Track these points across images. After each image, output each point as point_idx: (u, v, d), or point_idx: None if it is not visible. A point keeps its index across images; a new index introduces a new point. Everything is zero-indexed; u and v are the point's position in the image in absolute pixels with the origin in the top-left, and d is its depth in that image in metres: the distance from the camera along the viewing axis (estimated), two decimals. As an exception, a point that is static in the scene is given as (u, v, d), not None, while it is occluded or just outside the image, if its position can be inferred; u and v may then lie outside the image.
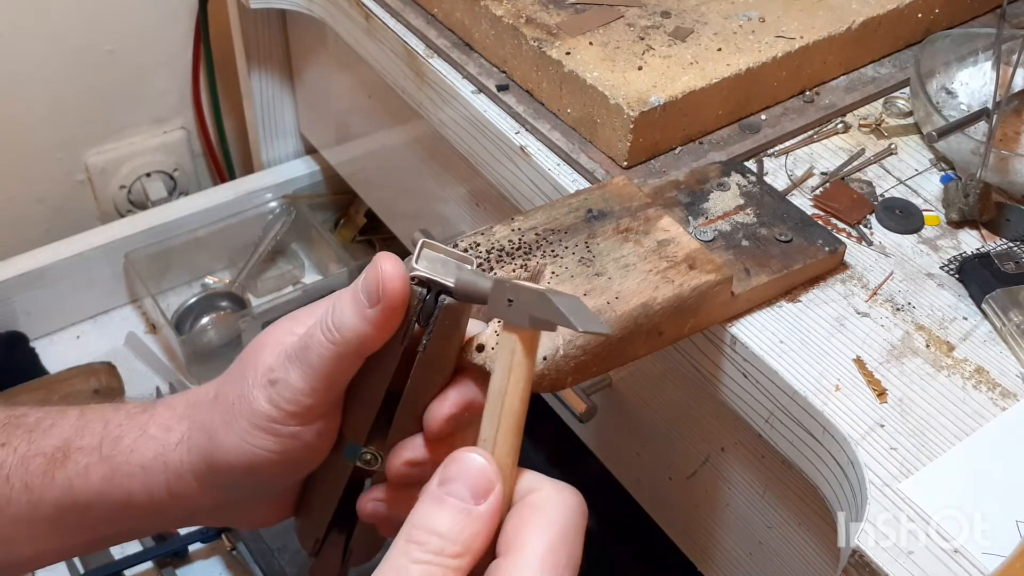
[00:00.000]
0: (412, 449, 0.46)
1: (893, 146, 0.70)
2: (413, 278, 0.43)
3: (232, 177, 1.40)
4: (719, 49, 0.69)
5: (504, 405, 0.40)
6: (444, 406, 0.45)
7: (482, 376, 0.47)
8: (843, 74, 0.75)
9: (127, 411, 0.51)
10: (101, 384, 1.07)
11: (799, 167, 0.68)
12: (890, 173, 0.68)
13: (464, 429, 0.46)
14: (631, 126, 0.64)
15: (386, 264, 0.42)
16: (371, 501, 0.48)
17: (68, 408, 0.52)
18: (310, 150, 1.26)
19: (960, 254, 0.62)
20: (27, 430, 0.50)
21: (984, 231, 0.64)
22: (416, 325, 0.44)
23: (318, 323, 0.44)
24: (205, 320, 1.19)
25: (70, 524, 0.50)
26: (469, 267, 0.43)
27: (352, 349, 0.43)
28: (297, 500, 0.53)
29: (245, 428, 0.45)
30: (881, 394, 0.53)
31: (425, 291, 0.43)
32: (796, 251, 0.58)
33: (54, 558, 0.52)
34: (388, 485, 0.48)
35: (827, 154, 0.70)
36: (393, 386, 0.46)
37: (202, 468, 0.48)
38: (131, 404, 0.52)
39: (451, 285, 0.43)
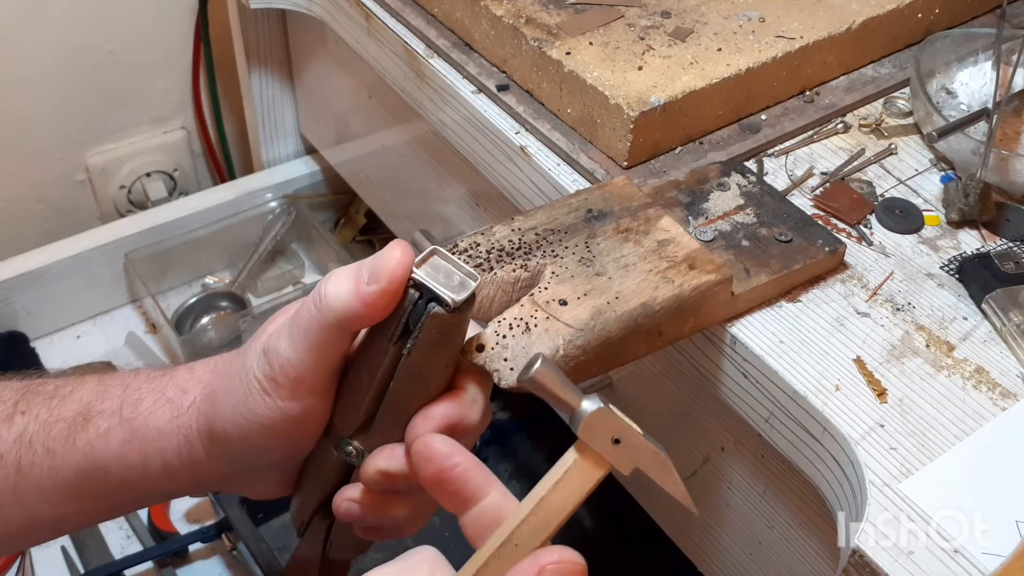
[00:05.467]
0: (388, 459, 0.46)
1: (893, 146, 0.70)
2: (409, 280, 0.43)
3: (232, 177, 1.40)
4: (719, 49, 0.69)
5: (552, 526, 0.40)
6: (427, 425, 0.45)
7: (481, 377, 0.47)
8: (843, 74, 0.75)
9: (147, 375, 0.51)
10: (101, 384, 1.07)
11: (799, 167, 0.68)
12: (890, 173, 0.68)
13: None
14: (631, 126, 0.64)
15: (397, 249, 0.43)
16: (345, 500, 0.48)
17: (87, 375, 0.52)
18: (310, 150, 1.26)
19: (960, 254, 0.62)
20: (47, 397, 0.51)
21: (984, 231, 0.64)
22: (406, 327, 0.44)
23: (311, 293, 0.45)
24: (205, 320, 1.20)
25: (90, 488, 0.50)
26: (473, 282, 0.43)
27: (336, 321, 0.43)
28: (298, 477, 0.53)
29: (240, 397, 0.46)
30: (881, 394, 0.53)
31: (417, 295, 0.43)
32: (796, 251, 0.58)
33: (73, 524, 0.53)
34: (363, 487, 0.48)
35: (827, 154, 0.70)
36: (383, 386, 0.45)
37: (206, 435, 0.48)
38: (151, 369, 0.52)
39: (445, 296, 0.42)
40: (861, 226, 0.64)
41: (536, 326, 0.48)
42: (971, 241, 0.64)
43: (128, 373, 0.52)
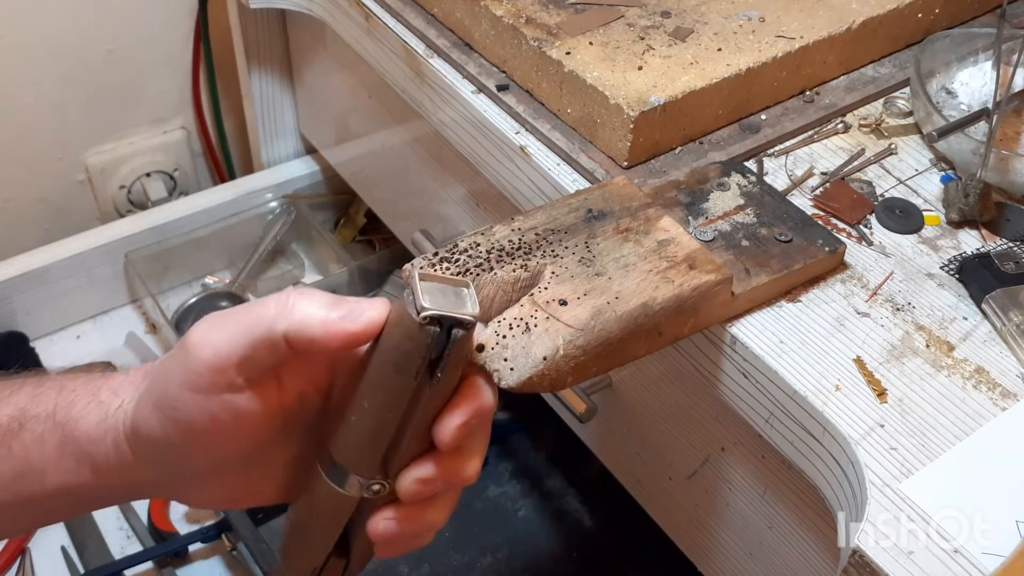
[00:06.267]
0: (422, 468, 0.46)
1: (893, 146, 0.70)
2: (425, 318, 0.42)
3: (232, 177, 1.40)
4: (719, 49, 0.69)
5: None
6: (455, 417, 0.44)
7: (483, 374, 0.47)
8: (843, 74, 0.75)
9: (86, 378, 0.50)
10: (101, 384, 1.07)
11: (799, 167, 0.68)
12: (890, 173, 0.68)
13: (471, 437, 0.46)
14: (631, 126, 0.64)
15: (379, 303, 0.44)
16: (383, 520, 0.48)
17: (28, 377, 0.51)
18: (310, 150, 1.26)
19: (960, 254, 0.62)
20: None
21: (984, 231, 0.64)
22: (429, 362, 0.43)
23: (274, 296, 0.44)
24: (205, 320, 1.19)
25: (28, 493, 0.49)
26: (467, 289, 0.43)
27: (292, 330, 0.43)
28: (252, 493, 0.51)
29: (160, 393, 0.45)
30: (881, 394, 0.53)
31: (437, 329, 0.42)
32: (796, 251, 0.58)
33: (12, 528, 0.52)
34: (399, 504, 0.47)
35: (827, 154, 0.70)
36: (408, 420, 0.45)
37: (132, 437, 0.47)
38: (93, 373, 0.51)
39: (464, 318, 0.42)
40: (861, 226, 0.64)
41: (536, 326, 0.48)
42: (971, 241, 0.64)
43: (68, 375, 0.51)
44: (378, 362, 0.44)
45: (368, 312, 0.43)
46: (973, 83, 0.74)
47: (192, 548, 0.99)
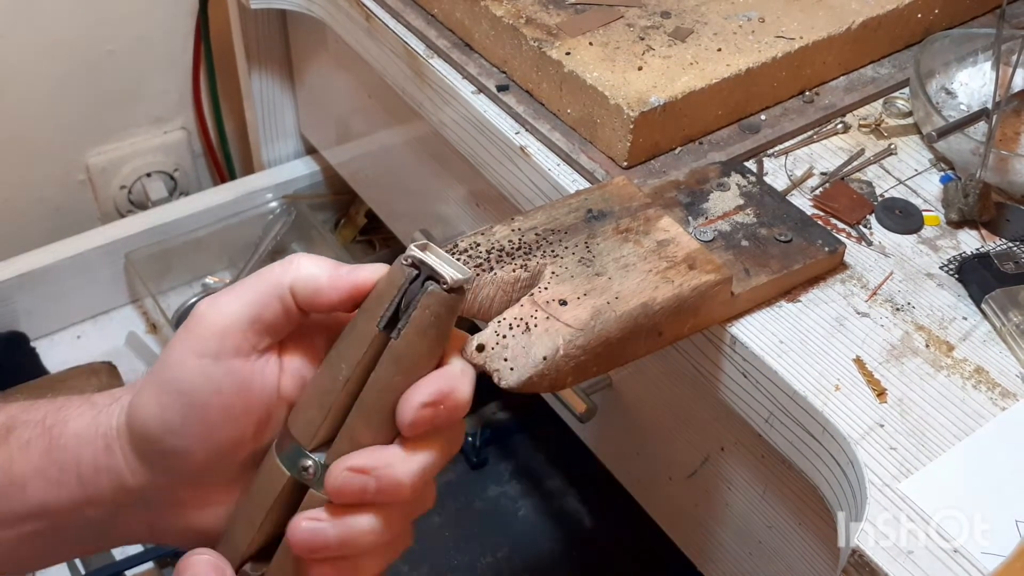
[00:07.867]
0: (357, 457, 0.41)
1: (893, 146, 0.70)
2: (406, 259, 0.41)
3: (232, 177, 1.40)
4: (719, 49, 0.69)
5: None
6: (419, 393, 0.41)
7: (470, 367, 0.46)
8: (843, 74, 0.75)
9: (80, 393, 0.49)
10: (102, 384, 1.07)
11: (799, 167, 0.68)
12: (890, 173, 0.69)
13: (438, 430, 0.42)
14: (631, 126, 0.64)
15: (382, 264, 0.44)
16: (304, 519, 0.42)
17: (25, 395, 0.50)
18: (310, 150, 1.26)
19: (960, 254, 0.62)
20: None
21: (984, 231, 0.64)
22: (397, 309, 0.41)
23: (279, 261, 0.45)
24: (205, 320, 1.19)
25: (8, 510, 0.46)
26: (464, 275, 0.43)
27: (298, 283, 0.43)
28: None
29: (159, 370, 0.43)
30: (881, 394, 0.53)
31: (415, 272, 0.41)
32: (796, 251, 0.58)
33: None
34: (328, 505, 0.42)
35: (827, 154, 0.70)
36: (360, 382, 0.42)
37: (126, 430, 0.45)
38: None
39: (445, 274, 0.41)
40: (861, 226, 0.64)
41: (536, 326, 0.48)
42: (971, 241, 0.64)
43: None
44: (357, 313, 0.43)
45: (368, 269, 0.44)
46: (973, 83, 0.74)
47: (192, 548, 0.99)
